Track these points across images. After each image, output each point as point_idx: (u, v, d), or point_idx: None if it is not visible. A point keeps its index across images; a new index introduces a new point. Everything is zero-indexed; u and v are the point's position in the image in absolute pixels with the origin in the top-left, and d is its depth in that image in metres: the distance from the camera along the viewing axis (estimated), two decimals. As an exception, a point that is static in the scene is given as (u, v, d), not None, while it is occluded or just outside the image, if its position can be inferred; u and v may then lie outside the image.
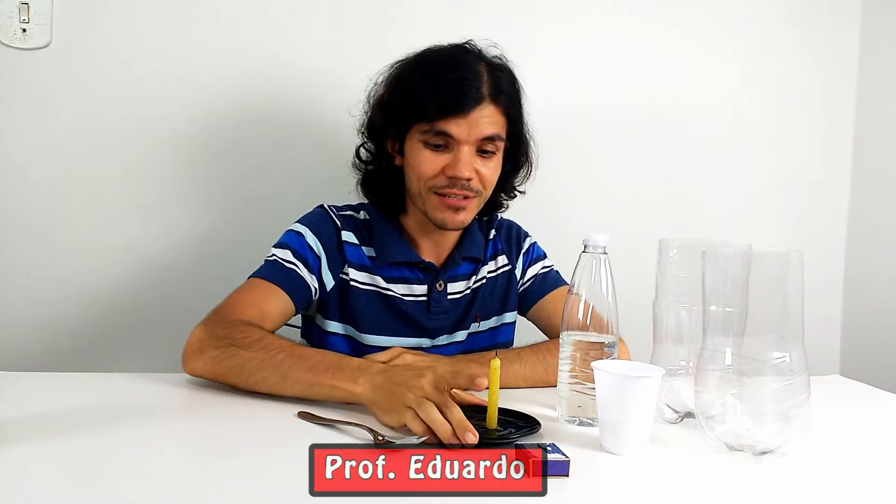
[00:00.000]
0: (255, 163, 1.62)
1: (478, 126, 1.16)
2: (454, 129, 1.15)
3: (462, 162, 1.16)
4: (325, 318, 1.25)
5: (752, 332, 0.88)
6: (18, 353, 1.52)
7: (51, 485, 0.73)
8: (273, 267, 1.19)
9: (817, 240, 1.98)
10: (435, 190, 1.18)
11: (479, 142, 1.17)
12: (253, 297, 1.15)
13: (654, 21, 1.83)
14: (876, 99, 1.94)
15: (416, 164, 1.18)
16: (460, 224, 1.21)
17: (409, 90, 1.19)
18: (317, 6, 1.62)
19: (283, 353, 1.01)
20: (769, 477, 0.83)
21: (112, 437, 0.86)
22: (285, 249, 1.20)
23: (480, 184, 1.19)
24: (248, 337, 1.04)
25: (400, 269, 1.26)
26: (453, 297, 1.29)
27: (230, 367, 1.02)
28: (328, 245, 1.23)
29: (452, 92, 1.15)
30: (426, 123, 1.16)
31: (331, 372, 0.98)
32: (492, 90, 1.17)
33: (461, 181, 1.17)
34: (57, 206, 1.54)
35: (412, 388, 0.89)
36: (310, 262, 1.21)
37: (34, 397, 1.01)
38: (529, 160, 1.32)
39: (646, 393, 0.88)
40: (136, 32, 1.55)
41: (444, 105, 1.15)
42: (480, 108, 1.15)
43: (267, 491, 0.73)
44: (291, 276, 1.18)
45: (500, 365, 0.91)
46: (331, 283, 1.23)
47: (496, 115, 1.18)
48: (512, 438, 0.89)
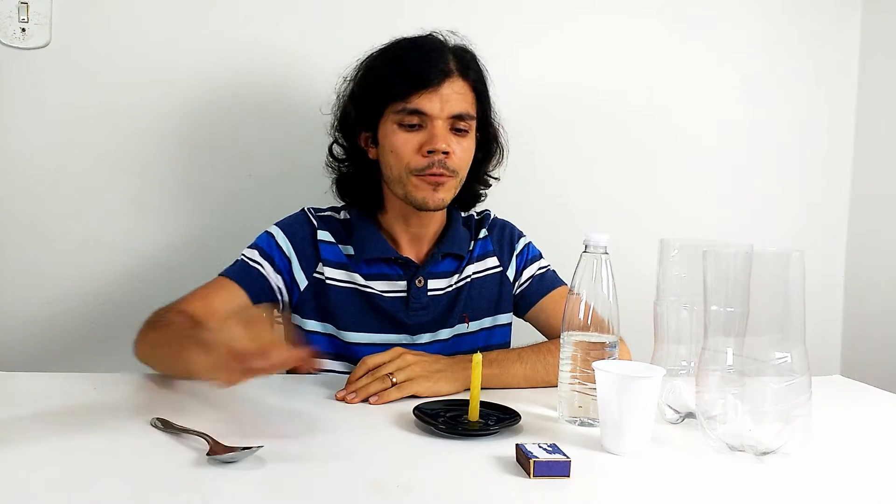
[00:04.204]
0: (254, 163, 1.62)
1: (449, 101, 1.18)
2: (426, 104, 1.17)
3: (438, 136, 1.18)
4: (303, 317, 1.27)
5: (753, 333, 0.88)
6: (18, 353, 1.52)
7: (51, 485, 0.73)
8: (237, 265, 1.25)
9: (818, 240, 1.98)
10: (415, 172, 1.20)
11: (451, 119, 1.19)
12: (206, 290, 1.21)
13: (656, 20, 1.83)
14: (876, 99, 1.94)
15: (394, 146, 1.20)
16: (440, 202, 1.22)
17: (378, 75, 1.23)
18: (317, 7, 1.62)
19: (173, 329, 1.08)
20: (770, 477, 0.82)
21: (112, 437, 0.86)
22: (254, 249, 1.25)
23: (456, 162, 1.21)
24: (166, 318, 1.12)
25: (378, 266, 1.27)
26: (434, 294, 1.29)
27: (145, 348, 1.11)
28: (300, 245, 1.26)
29: (420, 67, 1.18)
30: (399, 102, 1.18)
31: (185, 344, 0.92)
32: (458, 66, 1.21)
33: (438, 156, 1.18)
34: (56, 205, 1.54)
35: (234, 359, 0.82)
36: (276, 262, 1.25)
37: (34, 397, 1.00)
38: (500, 146, 1.34)
39: (647, 393, 0.88)
40: (136, 32, 1.55)
41: (414, 80, 1.18)
42: (450, 81, 1.19)
43: (272, 489, 0.73)
44: (252, 274, 1.23)
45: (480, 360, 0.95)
46: (304, 283, 1.26)
47: (466, 91, 1.22)
48: (492, 430, 0.92)
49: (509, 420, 0.94)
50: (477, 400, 0.94)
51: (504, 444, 0.89)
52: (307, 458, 0.82)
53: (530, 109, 1.73)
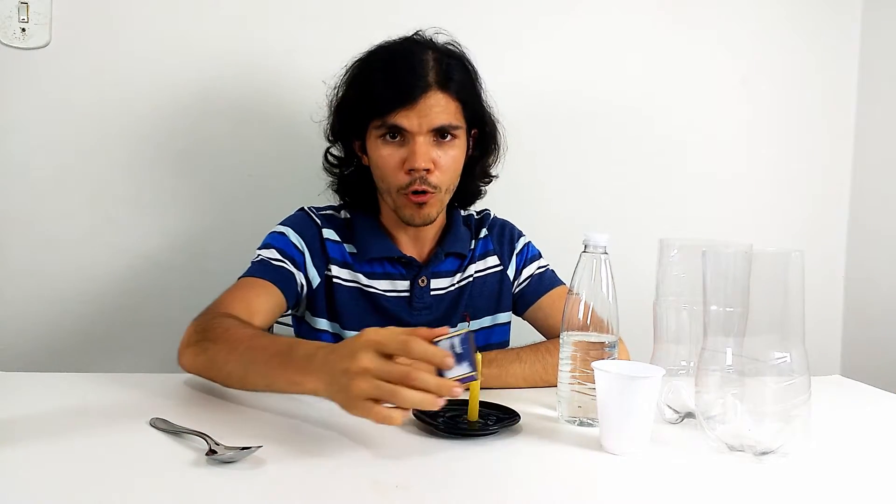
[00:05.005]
0: (254, 163, 1.62)
1: (427, 116, 1.16)
2: (404, 121, 1.16)
3: (417, 154, 1.16)
4: (314, 315, 1.27)
5: (752, 333, 0.88)
6: (18, 352, 1.52)
7: (51, 485, 0.73)
8: (261, 265, 1.20)
9: (818, 239, 1.98)
10: (399, 190, 1.20)
11: (432, 132, 1.17)
12: (242, 292, 1.16)
13: (656, 21, 1.83)
14: (876, 98, 1.94)
15: (378, 162, 1.20)
16: (426, 218, 1.22)
17: (360, 88, 1.21)
18: (317, 9, 1.63)
19: (243, 345, 0.97)
20: (770, 477, 0.82)
21: (112, 437, 0.86)
22: (270, 249, 1.22)
23: (439, 176, 1.19)
24: (218, 328, 1.02)
25: (381, 265, 1.27)
26: (437, 294, 1.29)
27: (204, 363, 1.02)
28: (311, 243, 1.25)
29: (397, 83, 1.16)
30: (378, 119, 1.17)
31: (283, 366, 0.90)
32: (439, 77, 1.17)
33: (419, 174, 1.17)
34: (56, 205, 1.54)
35: (354, 374, 0.78)
36: (296, 259, 1.22)
37: (34, 397, 1.00)
38: (497, 144, 1.32)
39: (646, 393, 0.88)
40: (135, 32, 1.55)
41: (391, 98, 1.16)
42: (427, 97, 1.16)
43: (272, 489, 0.73)
44: (280, 272, 1.20)
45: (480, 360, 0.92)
46: (317, 280, 1.25)
47: (447, 103, 1.18)
48: (492, 430, 0.92)
49: (509, 420, 0.94)
50: (476, 400, 0.94)
51: (504, 444, 0.89)
52: (307, 458, 0.82)
53: (530, 109, 1.73)
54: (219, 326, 1.03)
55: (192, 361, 1.04)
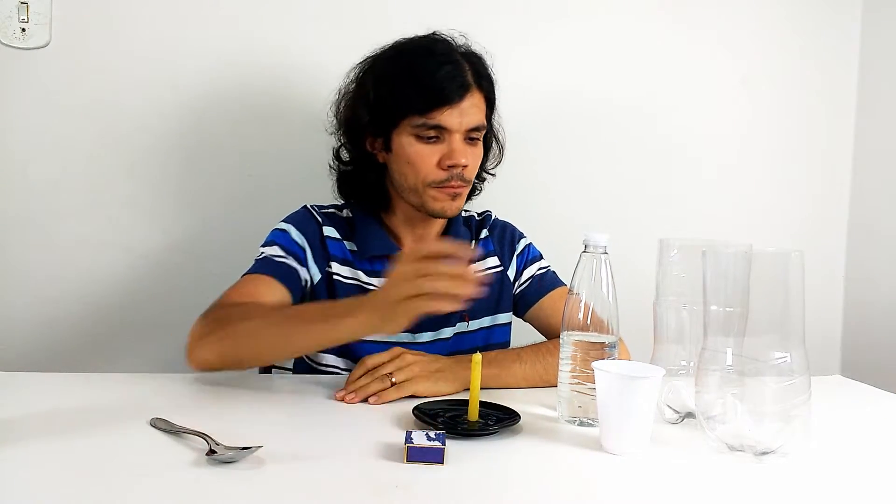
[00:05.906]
0: (254, 162, 1.62)
1: (468, 115, 1.18)
2: (447, 120, 1.17)
3: (457, 150, 1.18)
4: None
5: (752, 333, 0.88)
6: (18, 352, 1.52)
7: (51, 485, 0.73)
8: (265, 262, 1.21)
9: (818, 239, 1.98)
10: (433, 185, 1.20)
11: (468, 131, 1.19)
12: (247, 288, 1.17)
13: (656, 20, 1.83)
14: (876, 99, 1.94)
15: (411, 159, 1.20)
16: (457, 210, 1.24)
17: (394, 84, 1.20)
18: (317, 7, 1.62)
19: (278, 314, 1.07)
20: (770, 477, 0.82)
21: (112, 437, 0.86)
22: (273, 246, 1.23)
23: (470, 173, 1.22)
24: (238, 313, 1.08)
25: (382, 263, 1.27)
26: None
27: (233, 343, 1.05)
28: (312, 240, 1.25)
29: (441, 81, 1.17)
30: (419, 117, 1.17)
31: (326, 318, 1.01)
32: (475, 77, 1.20)
33: (458, 170, 1.19)
34: (56, 205, 1.54)
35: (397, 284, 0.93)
36: (298, 256, 1.23)
37: (34, 397, 1.00)
38: (500, 143, 1.35)
39: (646, 393, 0.88)
40: (136, 33, 1.55)
41: (436, 97, 1.16)
42: (470, 95, 1.18)
43: (272, 489, 0.73)
44: (284, 268, 1.21)
45: (480, 360, 0.95)
46: (318, 277, 1.25)
47: (481, 102, 1.22)
48: (492, 430, 0.92)
49: (509, 420, 0.95)
50: (476, 400, 0.95)
51: (504, 444, 0.89)
52: (307, 458, 0.82)
53: (530, 110, 1.73)
54: (237, 311, 1.08)
55: (209, 351, 1.06)
